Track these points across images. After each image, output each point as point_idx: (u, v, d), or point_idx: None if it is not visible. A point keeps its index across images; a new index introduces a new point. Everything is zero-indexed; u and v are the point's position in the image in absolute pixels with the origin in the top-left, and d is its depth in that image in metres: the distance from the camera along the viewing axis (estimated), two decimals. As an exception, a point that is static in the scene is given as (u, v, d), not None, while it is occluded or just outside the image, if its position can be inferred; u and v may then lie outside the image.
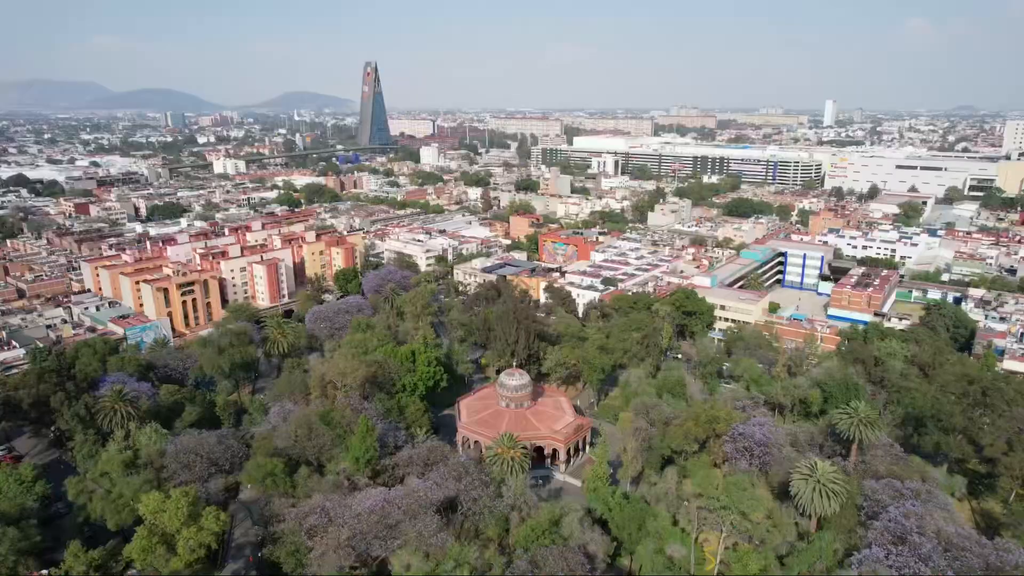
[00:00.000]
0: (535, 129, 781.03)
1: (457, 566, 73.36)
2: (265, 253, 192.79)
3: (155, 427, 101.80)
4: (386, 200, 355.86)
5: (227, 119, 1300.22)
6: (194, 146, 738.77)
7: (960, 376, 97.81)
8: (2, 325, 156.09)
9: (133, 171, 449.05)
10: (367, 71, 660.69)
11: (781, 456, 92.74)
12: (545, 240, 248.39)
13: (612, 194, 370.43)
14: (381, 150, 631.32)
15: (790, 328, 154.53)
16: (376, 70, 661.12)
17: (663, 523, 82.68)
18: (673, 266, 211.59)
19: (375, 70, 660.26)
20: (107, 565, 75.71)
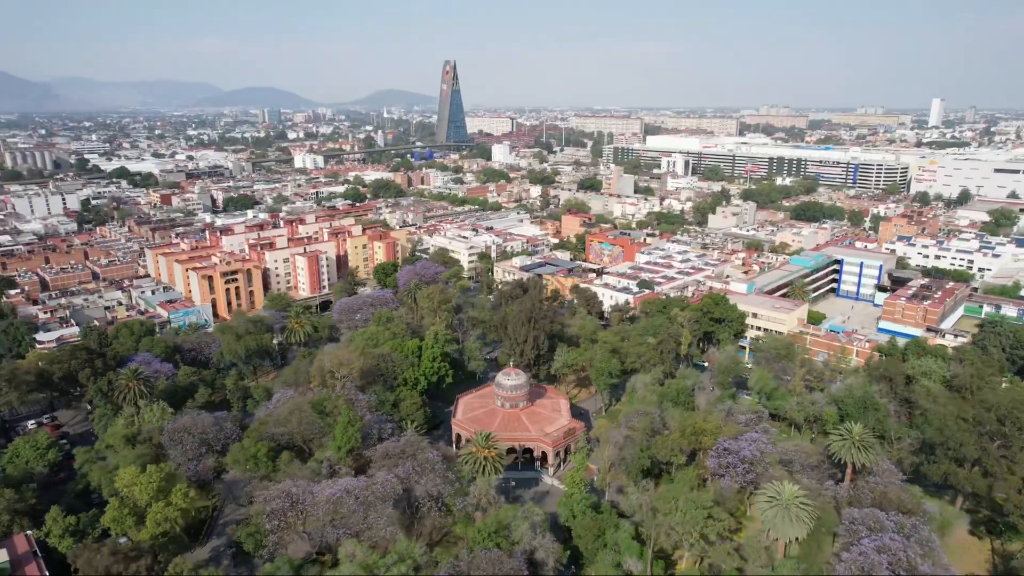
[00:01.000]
0: (614, 127, 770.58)
1: (399, 560, 73.87)
2: (309, 245, 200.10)
3: (163, 406, 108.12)
4: (447, 197, 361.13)
5: (319, 116, 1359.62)
6: (284, 141, 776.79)
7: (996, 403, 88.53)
8: (67, 305, 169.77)
9: (220, 164, 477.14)
10: (446, 69, 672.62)
11: (769, 475, 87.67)
12: (592, 240, 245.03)
13: (676, 195, 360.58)
14: (456, 147, 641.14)
15: (824, 340, 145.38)
16: (455, 68, 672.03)
17: (623, 536, 79.96)
18: (719, 271, 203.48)
19: (454, 68, 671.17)
20: (85, 531, 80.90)
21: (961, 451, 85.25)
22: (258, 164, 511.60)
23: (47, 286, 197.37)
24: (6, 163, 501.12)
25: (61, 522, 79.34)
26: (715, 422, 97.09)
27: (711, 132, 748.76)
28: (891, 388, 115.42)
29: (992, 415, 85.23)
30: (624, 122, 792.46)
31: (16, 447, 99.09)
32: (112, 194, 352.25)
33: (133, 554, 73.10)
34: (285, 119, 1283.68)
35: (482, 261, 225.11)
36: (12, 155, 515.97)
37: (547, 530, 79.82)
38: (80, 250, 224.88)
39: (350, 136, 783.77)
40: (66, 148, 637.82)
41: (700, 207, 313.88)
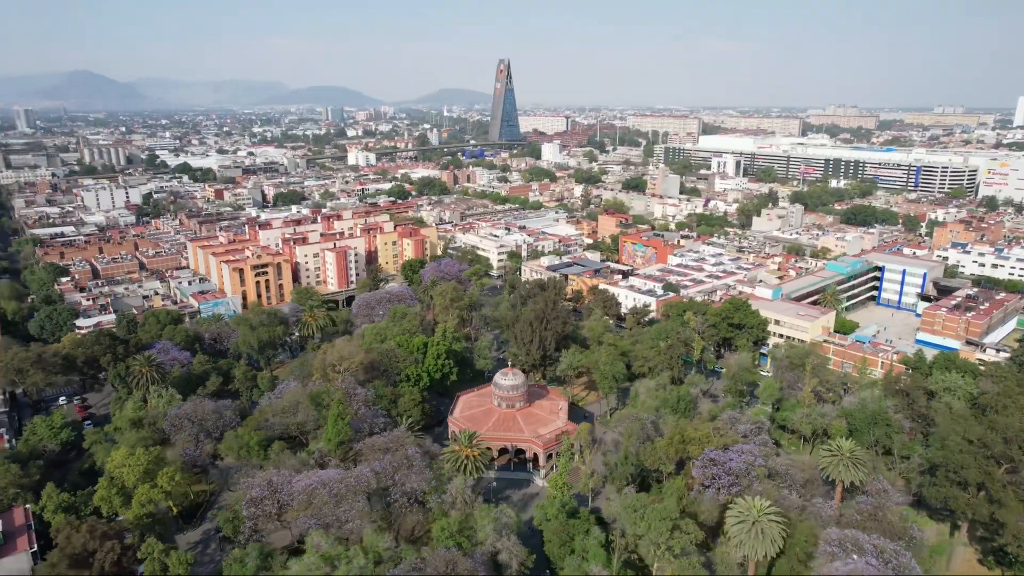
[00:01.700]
0: (670, 127, 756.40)
1: (362, 554, 74.71)
2: (339, 241, 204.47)
3: (171, 392, 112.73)
4: (490, 195, 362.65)
5: (380, 114, 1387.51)
6: (342, 139, 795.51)
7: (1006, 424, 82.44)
8: (109, 293, 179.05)
9: (276, 161, 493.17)
10: (500, 68, 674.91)
11: (755, 489, 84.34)
12: (625, 241, 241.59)
13: (723, 196, 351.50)
14: (508, 146, 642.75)
15: (848, 350, 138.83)
16: (509, 67, 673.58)
17: (592, 542, 78.46)
18: (751, 275, 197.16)
19: (508, 67, 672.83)
20: (78, 507, 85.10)
21: (963, 474, 79.78)
22: (312, 161, 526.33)
23: (98, 275, 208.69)
24: (85, 159, 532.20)
25: (55, 498, 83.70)
26: (705, 431, 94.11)
27: (771, 132, 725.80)
28: (908, 403, 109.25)
29: (998, 436, 79.38)
30: (681, 121, 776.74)
31: (34, 425, 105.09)
32: (171, 188, 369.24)
33: (112, 532, 76.49)
34: (347, 117, 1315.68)
35: (511, 260, 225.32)
36: (91, 151, 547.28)
37: (514, 532, 79.00)
38: (131, 241, 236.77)
39: (406, 134, 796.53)
40: (140, 145, 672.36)
41: (744, 209, 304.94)
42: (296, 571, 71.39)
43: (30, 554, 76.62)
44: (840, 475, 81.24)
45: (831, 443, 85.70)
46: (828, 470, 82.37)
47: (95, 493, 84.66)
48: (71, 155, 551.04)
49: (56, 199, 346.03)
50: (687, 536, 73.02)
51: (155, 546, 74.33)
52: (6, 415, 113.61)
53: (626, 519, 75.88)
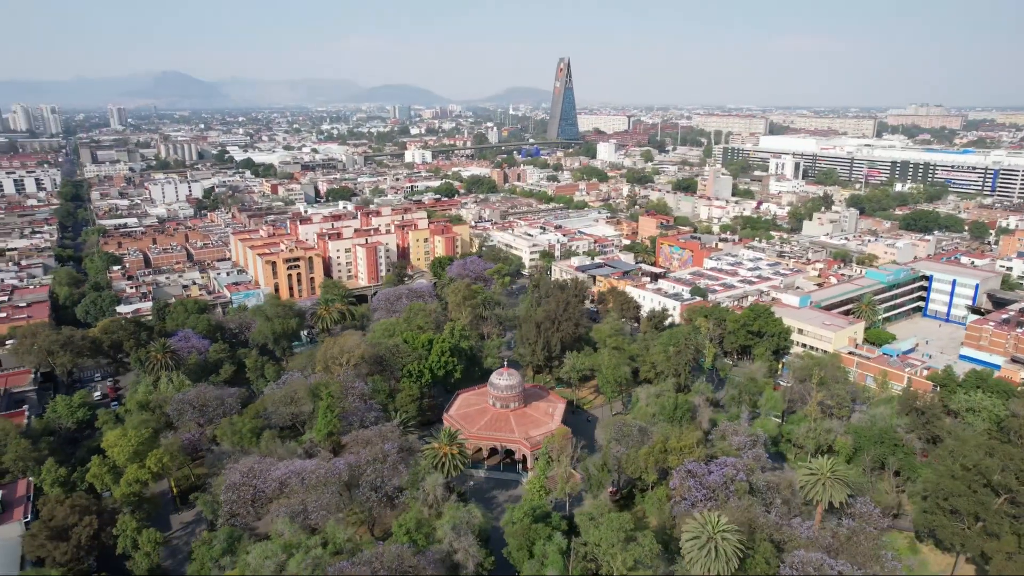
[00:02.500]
0: (735, 127, 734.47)
1: (320, 545, 76.18)
2: (372, 237, 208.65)
3: (181, 378, 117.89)
4: (536, 194, 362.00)
5: (446, 112, 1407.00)
6: (405, 136, 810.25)
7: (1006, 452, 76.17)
8: (152, 282, 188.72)
9: (335, 157, 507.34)
10: (560, 67, 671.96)
11: (732, 505, 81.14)
12: (662, 243, 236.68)
13: (777, 199, 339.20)
14: (564, 145, 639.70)
15: (873, 363, 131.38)
16: (568, 66, 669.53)
17: (551, 548, 77.23)
18: (788, 281, 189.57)
19: (567, 66, 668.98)
20: (74, 483, 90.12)
21: (954, 502, 74.15)
22: (370, 158, 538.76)
23: (149, 264, 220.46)
24: (161, 154, 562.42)
25: (53, 472, 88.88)
26: (688, 441, 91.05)
27: (842, 133, 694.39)
28: (922, 422, 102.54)
29: (997, 464, 73.36)
30: (747, 121, 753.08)
31: (55, 403, 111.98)
32: (231, 183, 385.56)
33: (95, 508, 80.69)
34: (414, 115, 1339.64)
35: (543, 259, 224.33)
36: (167, 147, 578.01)
37: (474, 533, 78.61)
38: (183, 233, 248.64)
39: (465, 132, 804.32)
40: (214, 141, 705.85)
41: (796, 213, 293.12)
42: (251, 557, 73.36)
43: (23, 524, 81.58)
44: (818, 495, 76.92)
45: (812, 461, 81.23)
46: (806, 489, 78.15)
47: (88, 471, 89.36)
48: (150, 151, 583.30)
49: (128, 192, 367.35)
50: (642, 549, 70.88)
51: (129, 523, 77.94)
52: (35, 392, 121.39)
53: (581, 527, 74.35)
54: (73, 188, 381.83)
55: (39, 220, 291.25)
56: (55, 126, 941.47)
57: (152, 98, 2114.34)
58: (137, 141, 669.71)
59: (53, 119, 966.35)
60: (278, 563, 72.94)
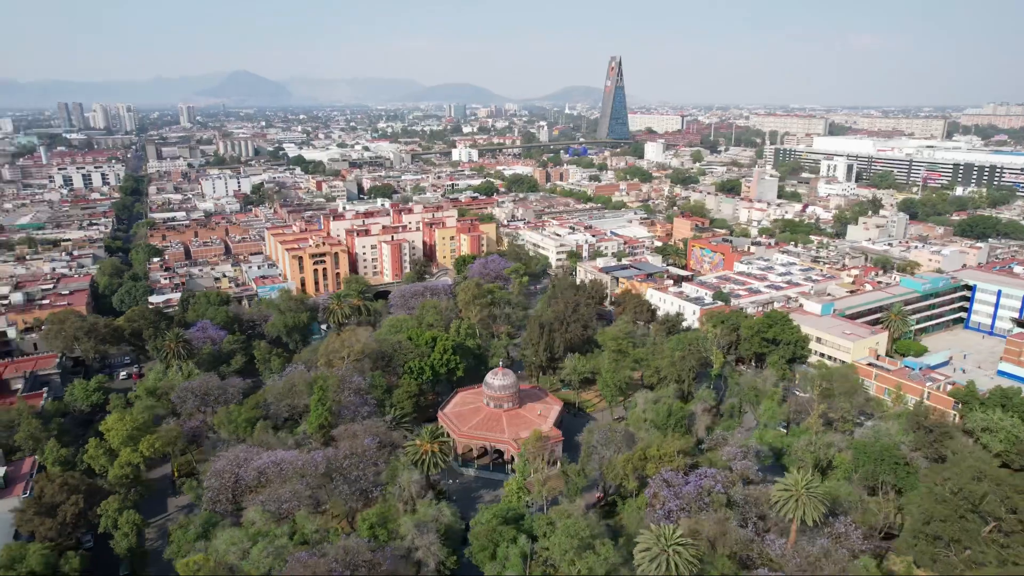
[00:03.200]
0: (794, 127, 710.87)
1: (286, 534, 77.97)
2: (398, 234, 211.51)
3: (191, 367, 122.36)
4: (576, 193, 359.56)
5: (500, 111, 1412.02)
6: (457, 135, 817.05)
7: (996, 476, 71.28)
8: (186, 274, 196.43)
9: (383, 155, 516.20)
10: (611, 65, 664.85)
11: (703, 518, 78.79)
12: (694, 245, 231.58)
13: (825, 202, 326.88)
14: (613, 144, 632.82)
15: (893, 376, 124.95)
16: (620, 64, 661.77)
17: (513, 552, 76.68)
18: (819, 287, 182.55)
19: (619, 64, 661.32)
20: (73, 461, 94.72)
21: (936, 528, 69.85)
22: (418, 156, 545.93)
23: (189, 256, 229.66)
24: (220, 151, 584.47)
25: (55, 452, 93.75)
26: (669, 450, 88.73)
27: (909, 133, 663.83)
28: (930, 441, 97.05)
29: (983, 487, 68.69)
30: (806, 122, 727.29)
31: (73, 387, 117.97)
32: (279, 179, 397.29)
33: (85, 488, 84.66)
34: (469, 114, 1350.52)
35: (570, 259, 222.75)
36: (226, 144, 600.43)
37: (437, 531, 78.78)
38: (223, 227, 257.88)
39: (516, 131, 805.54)
40: (272, 138, 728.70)
41: (841, 216, 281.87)
42: (218, 543, 75.58)
43: (20, 499, 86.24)
44: (790, 512, 73.73)
45: (789, 477, 77.85)
46: (779, 505, 75.02)
47: (86, 452, 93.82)
48: (211, 147, 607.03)
49: (182, 187, 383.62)
50: (597, 558, 69.54)
51: (112, 504, 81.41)
52: (59, 376, 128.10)
53: (537, 531, 73.53)
54: (134, 182, 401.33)
55: (98, 213, 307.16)
56: (130, 124, 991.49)
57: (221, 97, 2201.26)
58: (199, 138, 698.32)
59: (128, 117, 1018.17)
60: (243, 550, 75.00)
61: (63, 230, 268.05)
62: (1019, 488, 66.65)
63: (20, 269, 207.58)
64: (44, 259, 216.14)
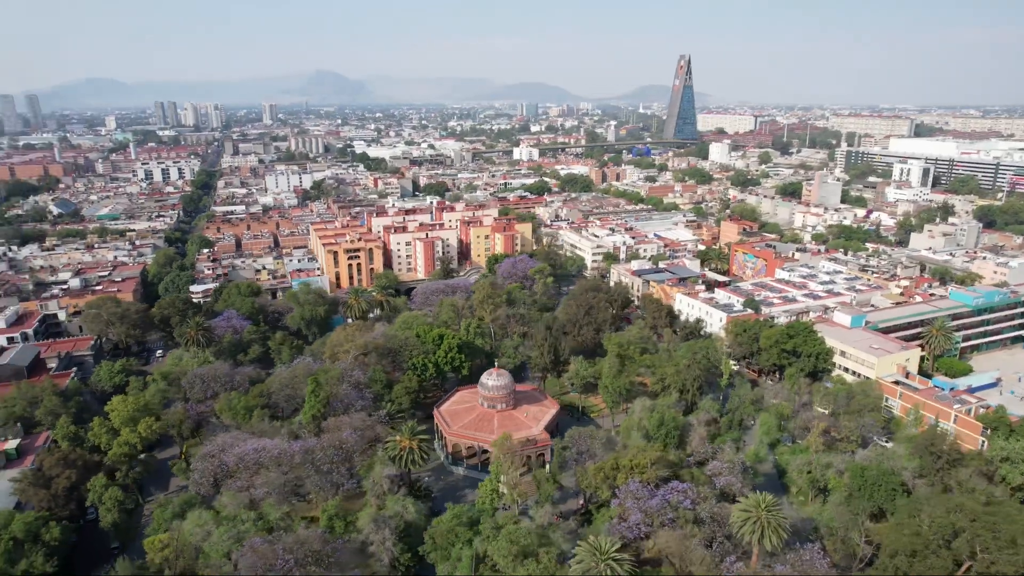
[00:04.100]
0: (875, 128, 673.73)
1: (257, 519, 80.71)
2: (431, 231, 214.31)
3: (206, 354, 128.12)
4: (629, 194, 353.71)
5: (572, 110, 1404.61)
6: (525, 134, 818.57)
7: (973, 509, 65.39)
8: (229, 265, 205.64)
9: (444, 154, 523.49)
10: (680, 64, 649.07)
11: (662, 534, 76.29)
12: (737, 250, 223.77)
13: (892, 207, 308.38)
14: (679, 145, 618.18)
15: (918, 396, 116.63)
16: (689, 63, 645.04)
17: (466, 553, 76.44)
18: (863, 297, 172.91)
19: (688, 63, 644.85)
20: (81, 438, 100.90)
21: (900, 562, 64.77)
22: (478, 155, 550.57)
23: (240, 247, 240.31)
24: (292, 147, 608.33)
25: (65, 428, 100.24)
26: (642, 461, 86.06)
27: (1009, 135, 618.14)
28: (934, 465, 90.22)
29: (959, 519, 63.12)
30: (890, 123, 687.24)
31: (99, 368, 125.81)
32: (340, 176, 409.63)
33: (82, 463, 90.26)
34: (540, 112, 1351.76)
35: (606, 261, 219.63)
36: (297, 141, 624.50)
37: (398, 528, 79.45)
38: (274, 221, 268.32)
39: (582, 130, 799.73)
40: (344, 136, 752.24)
41: (905, 224, 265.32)
42: (186, 523, 78.98)
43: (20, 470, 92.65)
44: (747, 535, 70.05)
45: (750, 498, 73.96)
46: (736, 526, 71.41)
47: (90, 430, 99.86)
48: (285, 143, 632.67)
49: (249, 182, 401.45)
50: (537, 566, 68.34)
51: (99, 480, 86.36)
52: (92, 357, 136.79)
53: (484, 534, 72.92)
54: (207, 177, 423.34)
55: (167, 205, 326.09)
56: (216, 121, 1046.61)
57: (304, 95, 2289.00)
58: (275, 135, 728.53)
59: (215, 115, 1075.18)
60: (206, 532, 78.09)
61: (133, 221, 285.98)
62: (993, 526, 60.83)
63: (87, 256, 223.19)
64: (109, 247, 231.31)
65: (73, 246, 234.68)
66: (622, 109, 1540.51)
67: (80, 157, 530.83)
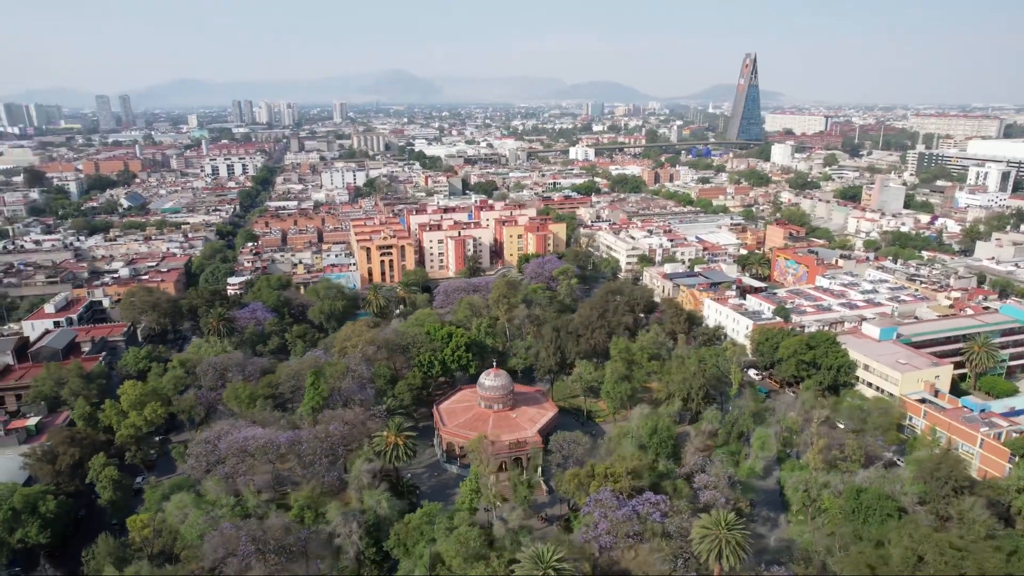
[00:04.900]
0: (957, 128, 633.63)
1: (235, 504, 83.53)
2: (464, 230, 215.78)
3: (224, 344, 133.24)
4: (678, 196, 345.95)
5: (639, 109, 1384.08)
6: (586, 133, 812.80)
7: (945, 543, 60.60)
8: (269, 258, 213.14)
9: (500, 152, 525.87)
10: (745, 63, 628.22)
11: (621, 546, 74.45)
12: (779, 255, 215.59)
13: (962, 213, 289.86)
14: (742, 146, 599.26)
15: (940, 416, 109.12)
16: (755, 62, 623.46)
17: (426, 552, 76.67)
18: (906, 309, 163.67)
19: (753, 62, 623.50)
20: (96, 418, 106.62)
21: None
22: (534, 154, 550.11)
23: (285, 241, 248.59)
24: (354, 145, 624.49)
25: (82, 409, 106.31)
26: (618, 469, 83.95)
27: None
28: (939, 491, 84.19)
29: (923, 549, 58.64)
30: (975, 123, 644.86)
31: (127, 354, 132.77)
32: (393, 173, 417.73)
33: (89, 442, 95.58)
34: (606, 112, 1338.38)
35: (640, 263, 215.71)
36: (358, 139, 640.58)
37: (368, 523, 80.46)
38: (320, 217, 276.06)
39: (644, 130, 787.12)
40: (408, 134, 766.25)
41: (972, 231, 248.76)
42: (169, 505, 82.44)
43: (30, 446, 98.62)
44: (704, 553, 67.22)
45: (711, 515, 70.83)
46: (695, 545, 68.60)
47: (103, 411, 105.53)
48: (348, 141, 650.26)
49: (307, 178, 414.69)
50: (486, 569, 67.79)
51: (98, 459, 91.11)
52: (124, 343, 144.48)
53: (437, 535, 72.85)
54: (268, 173, 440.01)
55: (226, 200, 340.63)
56: (288, 119, 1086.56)
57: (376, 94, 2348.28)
58: (341, 133, 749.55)
59: (288, 113, 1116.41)
60: (185, 514, 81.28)
61: (192, 214, 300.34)
62: (958, 564, 56.10)
63: (144, 247, 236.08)
64: (164, 239, 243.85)
65: (133, 237, 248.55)
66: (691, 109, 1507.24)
67: (159, 154, 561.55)
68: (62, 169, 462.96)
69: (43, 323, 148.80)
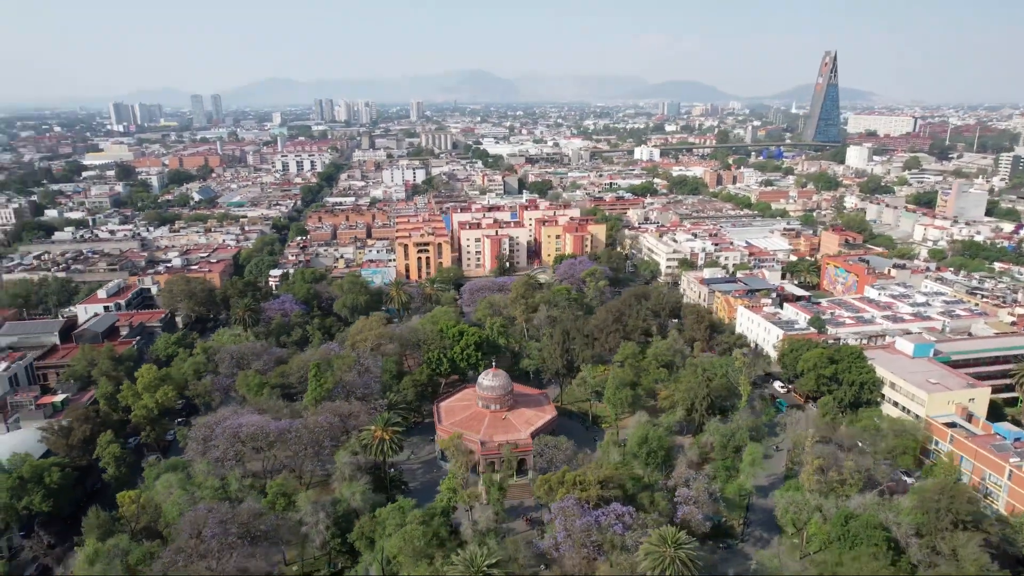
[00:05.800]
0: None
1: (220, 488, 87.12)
2: (501, 229, 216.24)
3: (247, 333, 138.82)
4: (736, 199, 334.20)
5: (717, 109, 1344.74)
6: (659, 134, 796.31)
7: None
8: (312, 252, 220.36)
9: (562, 152, 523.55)
10: (824, 61, 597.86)
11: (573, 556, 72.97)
12: (828, 263, 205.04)
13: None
14: (817, 147, 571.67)
15: (967, 442, 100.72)
16: (834, 60, 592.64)
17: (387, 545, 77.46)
18: (959, 324, 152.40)
19: (833, 60, 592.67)
20: (115, 398, 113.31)
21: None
22: (597, 154, 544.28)
23: (335, 236, 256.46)
24: (422, 143, 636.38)
25: (104, 388, 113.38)
26: (590, 478, 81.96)
27: None
28: (936, 523, 77.88)
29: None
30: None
31: (159, 339, 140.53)
32: (453, 172, 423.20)
33: (99, 420, 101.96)
34: (683, 111, 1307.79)
35: (681, 267, 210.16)
36: (426, 137, 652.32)
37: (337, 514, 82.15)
38: (371, 213, 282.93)
39: (715, 131, 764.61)
40: (479, 133, 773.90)
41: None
42: (158, 483, 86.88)
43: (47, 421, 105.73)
44: (648, 572, 64.61)
45: (659, 533, 67.89)
46: (640, 562, 66.04)
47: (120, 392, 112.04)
48: (416, 139, 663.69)
49: (370, 175, 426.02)
50: (430, 567, 67.81)
51: (105, 437, 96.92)
52: (160, 328, 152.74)
53: (389, 531, 73.34)
54: (334, 169, 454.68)
55: (290, 195, 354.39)
56: (366, 117, 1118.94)
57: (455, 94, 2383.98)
58: (413, 131, 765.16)
59: (366, 111, 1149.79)
60: (170, 492, 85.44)
61: (255, 208, 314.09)
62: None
63: (203, 239, 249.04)
64: (222, 232, 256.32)
65: (195, 229, 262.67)
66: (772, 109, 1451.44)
67: (238, 150, 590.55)
68: (150, 164, 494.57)
69: (94, 307, 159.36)
